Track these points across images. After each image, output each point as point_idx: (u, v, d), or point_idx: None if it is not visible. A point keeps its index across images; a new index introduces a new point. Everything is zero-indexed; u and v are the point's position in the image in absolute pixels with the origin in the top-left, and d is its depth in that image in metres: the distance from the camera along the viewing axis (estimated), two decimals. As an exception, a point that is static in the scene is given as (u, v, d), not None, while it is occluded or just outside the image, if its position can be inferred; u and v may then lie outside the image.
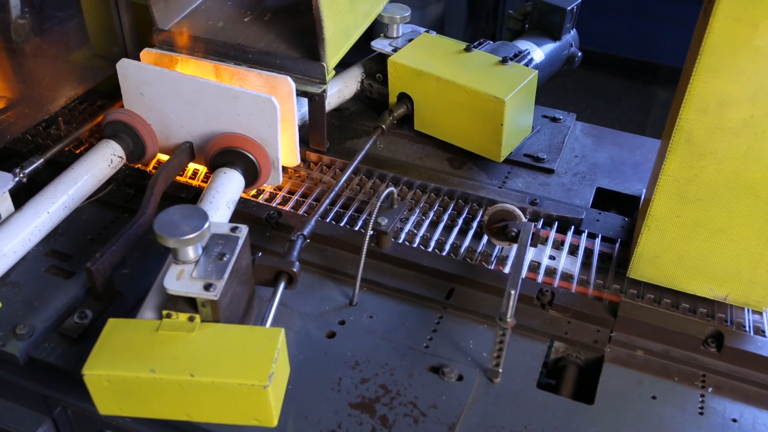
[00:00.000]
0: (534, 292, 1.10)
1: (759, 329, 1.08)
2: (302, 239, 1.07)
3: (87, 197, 1.21)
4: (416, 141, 1.46)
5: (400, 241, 1.22)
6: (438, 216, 1.29)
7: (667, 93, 3.57)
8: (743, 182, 0.96)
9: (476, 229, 1.26)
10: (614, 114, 3.56)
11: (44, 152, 1.29)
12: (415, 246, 1.21)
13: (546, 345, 1.06)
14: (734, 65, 0.88)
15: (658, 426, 0.95)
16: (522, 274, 1.15)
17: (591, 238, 1.25)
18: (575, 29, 1.59)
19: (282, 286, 0.99)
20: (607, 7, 3.59)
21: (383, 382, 0.98)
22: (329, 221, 1.26)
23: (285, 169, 1.36)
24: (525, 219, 1.18)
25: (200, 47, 1.32)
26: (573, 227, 1.26)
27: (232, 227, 0.95)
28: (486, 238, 1.23)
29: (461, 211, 1.30)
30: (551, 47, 1.53)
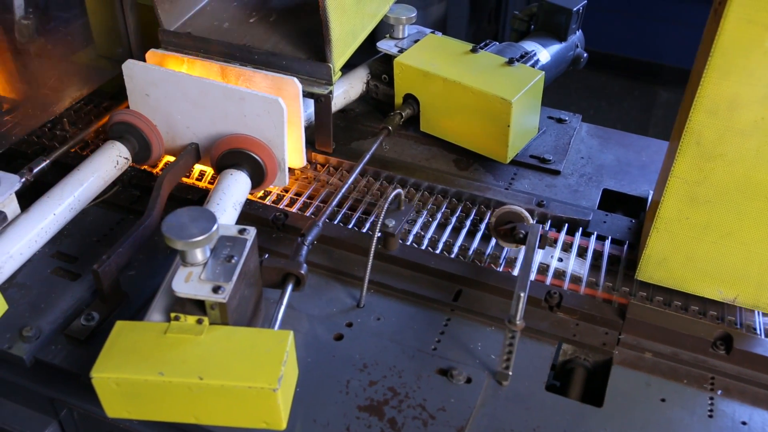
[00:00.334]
0: (542, 294, 1.10)
1: (769, 331, 1.08)
2: (309, 241, 1.07)
3: (93, 199, 1.21)
4: (422, 142, 1.45)
5: (408, 243, 1.21)
6: (446, 218, 1.29)
7: (669, 93, 3.57)
8: (753, 184, 0.96)
9: (484, 232, 1.26)
10: (616, 114, 3.55)
11: (50, 153, 1.29)
12: (424, 248, 1.21)
13: (554, 347, 1.06)
14: (745, 67, 0.87)
15: (667, 429, 0.95)
16: (531, 276, 1.15)
17: (599, 240, 1.24)
18: (581, 30, 1.58)
19: (290, 288, 0.99)
20: (609, 8, 3.58)
21: (391, 385, 0.98)
22: (336, 223, 1.25)
23: (292, 171, 1.36)
24: (532, 221, 1.17)
25: (206, 48, 1.31)
26: (581, 229, 1.25)
27: (240, 229, 0.95)
28: (494, 240, 1.22)
29: (469, 213, 1.29)
30: (557, 48, 1.52)
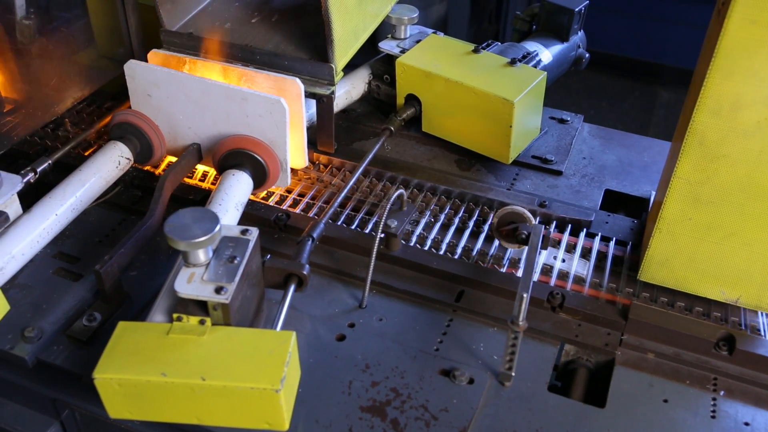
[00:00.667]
0: (544, 295, 1.09)
1: (772, 332, 1.08)
2: (311, 241, 1.07)
3: (95, 199, 1.21)
4: (424, 142, 1.45)
5: (412, 244, 1.21)
6: (449, 219, 1.28)
7: (670, 94, 3.56)
8: (757, 185, 0.95)
9: (488, 232, 1.25)
10: (617, 115, 3.55)
11: (52, 154, 1.28)
12: (427, 249, 1.21)
13: (557, 348, 1.06)
14: (749, 68, 0.87)
15: (670, 429, 0.95)
16: (535, 277, 1.15)
17: (601, 241, 1.24)
18: (582, 30, 1.58)
19: (292, 289, 0.99)
20: (610, 8, 3.58)
21: (394, 386, 0.98)
22: (340, 224, 1.25)
23: (294, 171, 1.36)
24: (534, 221, 1.17)
25: (208, 48, 1.31)
26: (585, 230, 1.25)
27: (243, 230, 0.95)
28: (498, 241, 1.22)
29: (472, 214, 1.29)
30: (559, 48, 1.52)
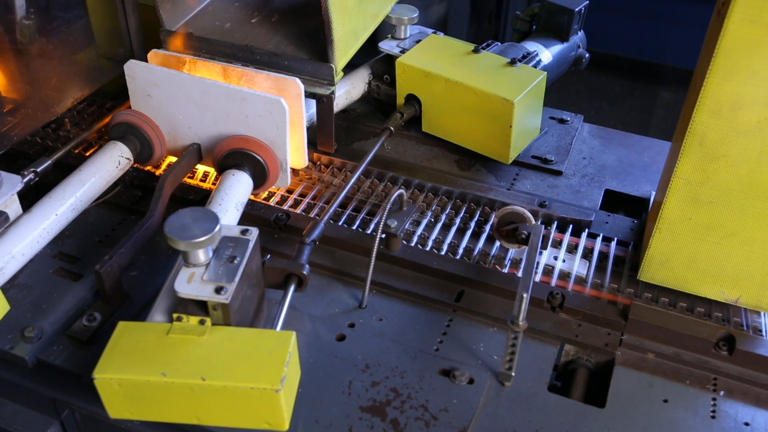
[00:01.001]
0: (544, 295, 1.09)
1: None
2: (311, 242, 1.07)
3: (95, 199, 1.21)
4: (424, 143, 1.45)
5: (413, 245, 1.21)
6: (450, 219, 1.28)
7: (670, 94, 3.57)
8: (756, 185, 0.95)
9: (489, 233, 1.25)
10: (617, 115, 3.55)
11: (52, 154, 1.28)
12: (428, 249, 1.20)
13: (556, 348, 1.06)
14: (749, 68, 0.87)
15: (670, 429, 0.95)
16: (537, 278, 1.15)
17: (600, 240, 1.24)
18: (582, 30, 1.58)
19: (292, 289, 0.99)
20: (610, 8, 3.58)
21: (394, 386, 0.98)
22: (341, 224, 1.25)
23: (296, 172, 1.36)
24: (534, 221, 1.17)
25: (208, 48, 1.31)
26: (587, 230, 1.25)
27: (243, 230, 0.95)
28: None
29: (473, 214, 1.29)
30: (559, 48, 1.52)
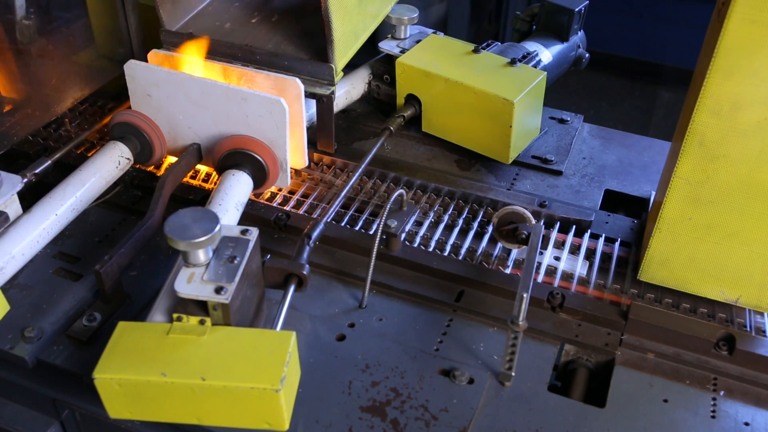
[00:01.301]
0: (544, 295, 1.09)
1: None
2: (311, 242, 1.07)
3: (95, 199, 1.21)
4: (424, 143, 1.45)
5: (415, 245, 1.21)
6: (453, 219, 1.28)
7: (670, 94, 3.57)
8: (757, 185, 0.95)
9: (491, 234, 1.25)
10: (617, 115, 3.55)
11: (52, 154, 1.28)
12: (430, 250, 1.20)
13: (556, 348, 1.06)
14: (749, 67, 0.87)
15: (670, 429, 0.95)
16: (539, 278, 1.15)
17: (598, 240, 1.24)
18: (582, 30, 1.58)
19: (292, 289, 0.99)
20: (610, 8, 3.58)
21: (394, 386, 0.98)
22: (339, 224, 1.25)
23: (297, 172, 1.36)
24: (534, 221, 1.17)
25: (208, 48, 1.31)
26: (589, 231, 1.25)
27: (243, 230, 0.95)
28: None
29: (476, 215, 1.29)
30: (559, 48, 1.52)
